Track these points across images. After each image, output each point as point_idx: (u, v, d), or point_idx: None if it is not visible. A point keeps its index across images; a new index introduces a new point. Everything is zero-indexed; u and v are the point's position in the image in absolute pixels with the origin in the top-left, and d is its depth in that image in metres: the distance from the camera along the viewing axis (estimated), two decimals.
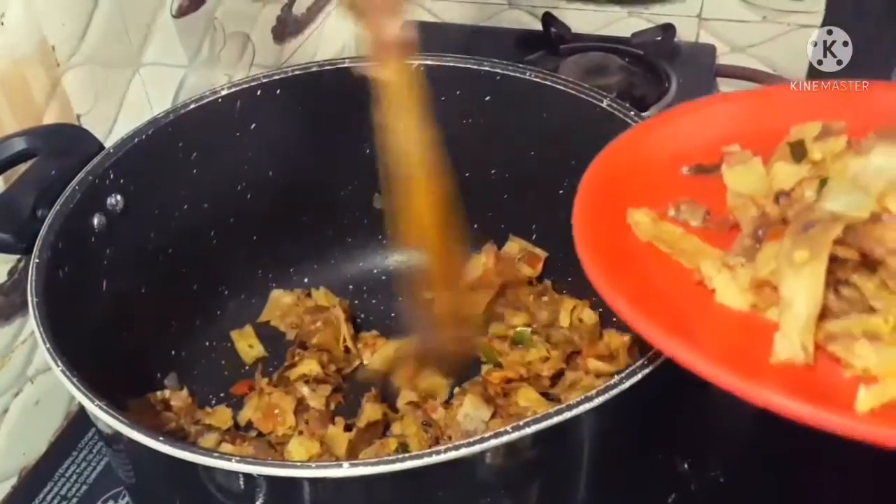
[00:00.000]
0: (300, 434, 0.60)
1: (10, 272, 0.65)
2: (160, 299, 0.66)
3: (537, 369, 0.64)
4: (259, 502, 0.43)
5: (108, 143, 0.61)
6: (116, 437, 0.44)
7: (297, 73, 0.68)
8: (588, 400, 0.41)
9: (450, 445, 0.39)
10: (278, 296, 0.74)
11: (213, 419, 0.63)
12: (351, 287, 0.76)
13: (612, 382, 0.42)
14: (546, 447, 0.43)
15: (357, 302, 0.75)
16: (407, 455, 0.38)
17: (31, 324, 0.49)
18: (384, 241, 0.78)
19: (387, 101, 0.52)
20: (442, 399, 0.63)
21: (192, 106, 0.65)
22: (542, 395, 0.63)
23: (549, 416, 0.40)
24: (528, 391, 0.62)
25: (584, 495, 0.48)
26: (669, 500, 0.59)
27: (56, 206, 0.56)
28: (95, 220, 0.59)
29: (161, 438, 0.41)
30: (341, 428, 0.61)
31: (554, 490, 0.47)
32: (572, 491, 0.48)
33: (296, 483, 0.41)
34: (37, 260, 0.52)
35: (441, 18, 1.12)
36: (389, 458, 0.38)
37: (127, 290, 0.62)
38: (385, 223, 0.76)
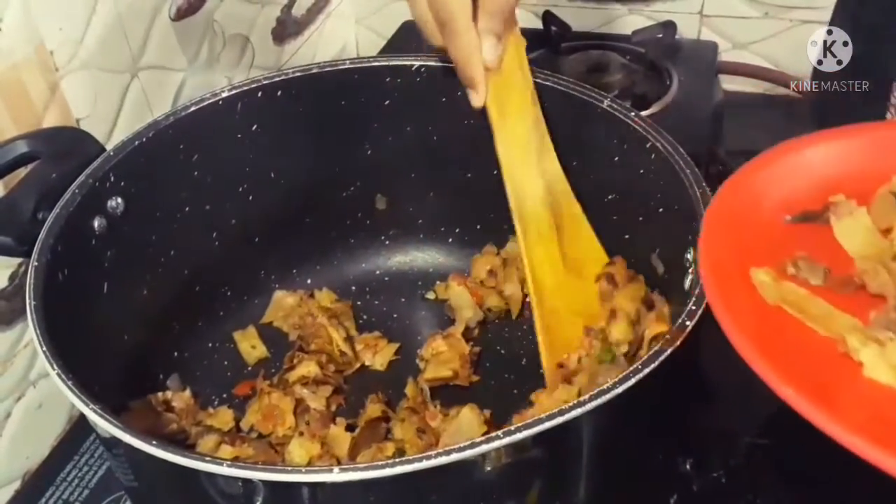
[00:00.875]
0: (301, 435, 0.60)
1: (12, 277, 0.66)
2: (162, 301, 0.66)
3: None
4: None
5: (109, 147, 0.61)
6: (114, 441, 0.44)
7: (298, 74, 0.68)
8: (581, 404, 0.41)
9: (441, 450, 0.38)
10: (281, 297, 0.74)
11: (214, 420, 0.63)
12: (353, 288, 0.76)
13: (608, 385, 0.42)
14: (544, 450, 0.43)
15: (359, 303, 0.75)
16: (398, 460, 0.38)
17: None
18: (387, 242, 0.78)
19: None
20: None
21: (193, 108, 0.65)
22: None
23: (541, 421, 0.40)
24: None
25: (585, 497, 0.48)
26: (671, 501, 0.59)
27: (56, 209, 0.56)
28: (96, 223, 0.59)
29: (155, 443, 0.41)
30: (342, 429, 0.61)
31: (553, 492, 0.47)
32: (572, 493, 0.48)
33: (291, 487, 0.41)
34: (36, 263, 0.52)
35: None
36: (380, 463, 0.38)
37: (128, 293, 0.62)
38: (386, 224, 0.77)
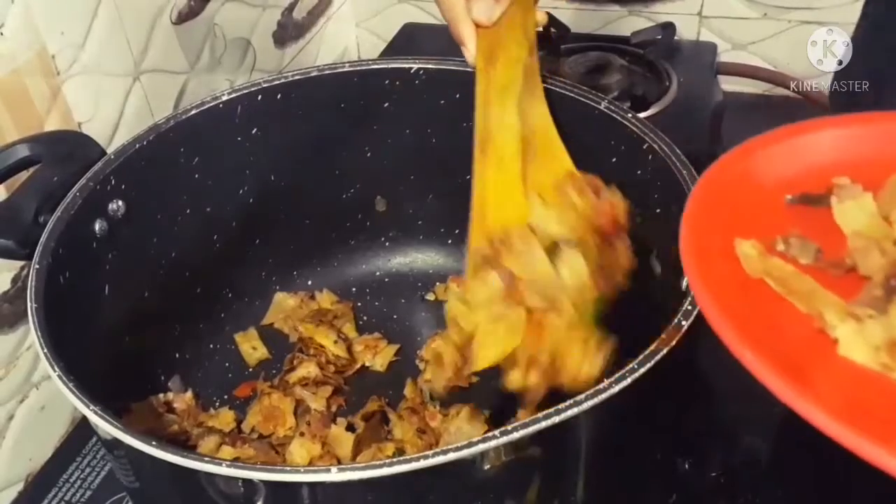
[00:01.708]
0: (301, 436, 0.61)
1: (14, 280, 0.66)
2: (163, 303, 0.66)
3: None
4: None
5: (110, 150, 0.62)
6: (115, 442, 0.44)
7: (298, 77, 0.68)
8: (578, 403, 0.41)
9: (439, 450, 0.39)
10: (281, 298, 0.75)
11: (215, 421, 0.64)
12: (354, 289, 0.76)
13: (603, 385, 0.42)
14: (542, 449, 0.43)
15: (360, 304, 0.75)
16: (397, 459, 0.38)
17: None
18: (387, 244, 0.78)
19: None
20: None
21: (194, 111, 0.65)
22: None
23: (538, 420, 0.40)
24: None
25: (583, 497, 0.48)
26: (670, 501, 0.59)
27: (57, 213, 0.56)
28: (97, 226, 0.59)
29: (155, 443, 0.41)
30: (343, 429, 0.61)
31: (552, 492, 0.47)
32: (570, 493, 0.48)
33: (290, 487, 0.41)
34: (37, 266, 0.53)
35: (442, 21, 1.12)
36: (378, 462, 0.38)
37: (129, 295, 0.62)
38: (386, 226, 0.77)
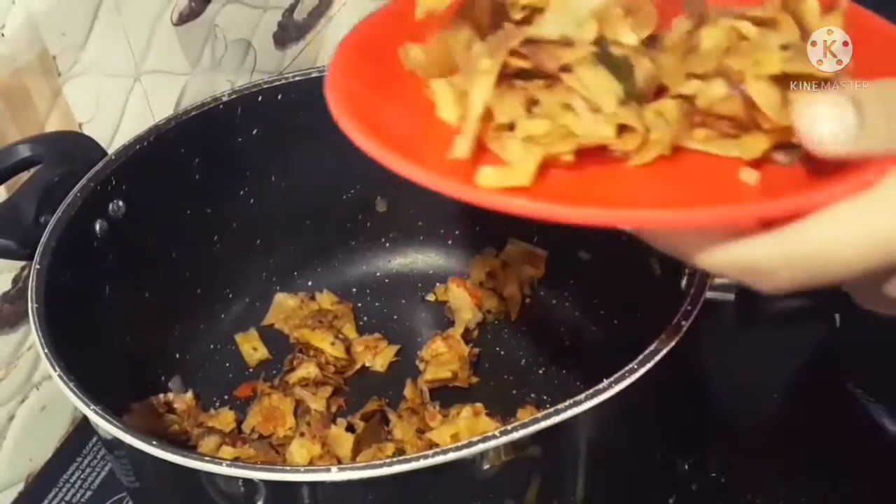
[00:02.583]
0: (301, 436, 0.61)
1: (15, 280, 0.66)
2: (163, 304, 0.66)
3: None
4: None
5: (111, 151, 0.62)
6: (116, 442, 0.44)
7: (299, 78, 0.68)
8: (578, 404, 0.41)
9: (439, 450, 0.39)
10: (282, 299, 0.75)
11: (215, 422, 0.64)
12: (354, 290, 0.76)
13: (603, 385, 0.42)
14: (541, 449, 0.43)
15: (360, 305, 0.75)
16: (396, 459, 0.38)
17: None
18: (387, 245, 0.78)
19: None
20: None
21: (194, 112, 0.65)
22: None
23: (538, 420, 0.40)
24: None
25: (583, 497, 0.49)
26: (670, 502, 0.59)
27: (58, 213, 0.56)
28: (97, 226, 0.59)
29: (155, 443, 0.41)
30: (343, 429, 0.61)
31: (551, 492, 0.47)
32: (570, 493, 0.48)
33: (290, 486, 0.41)
34: (38, 266, 0.53)
35: None
36: (378, 462, 0.38)
37: (130, 295, 0.63)
38: (387, 226, 0.77)
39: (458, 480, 0.43)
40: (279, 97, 0.68)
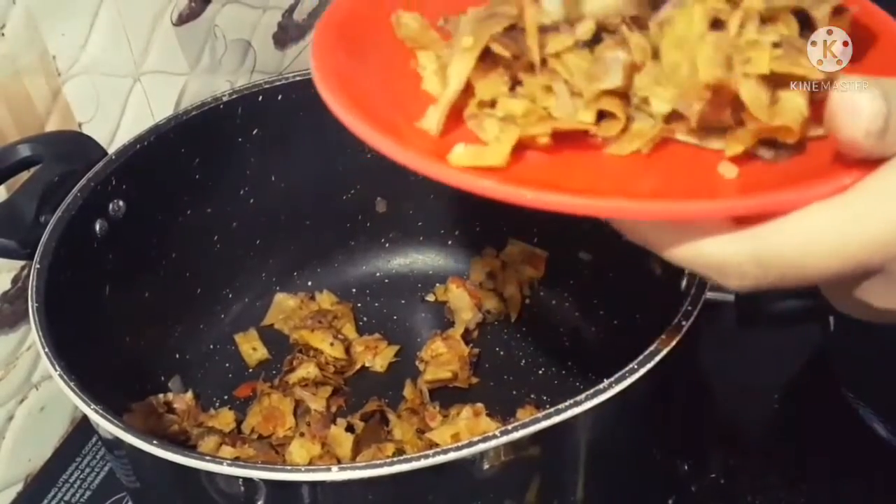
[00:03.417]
0: (301, 436, 0.61)
1: (14, 280, 0.66)
2: (163, 303, 0.66)
3: None
4: None
5: (111, 151, 0.62)
6: (116, 441, 0.44)
7: (299, 79, 0.68)
8: (578, 404, 0.41)
9: (439, 449, 0.39)
10: (282, 299, 0.75)
11: (215, 422, 0.64)
12: (354, 290, 0.76)
13: (603, 385, 0.42)
14: (541, 449, 0.43)
15: (360, 305, 0.75)
16: (396, 459, 0.38)
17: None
18: (387, 245, 0.78)
19: None
20: None
21: (195, 112, 0.65)
22: None
23: (538, 420, 0.40)
24: None
25: (583, 497, 0.49)
26: (670, 501, 0.59)
27: (58, 212, 0.56)
28: (97, 226, 0.59)
29: (156, 442, 0.41)
30: (343, 429, 0.61)
31: (551, 492, 0.47)
32: (570, 493, 0.48)
33: (290, 486, 0.41)
34: (38, 265, 0.53)
35: None
36: (378, 462, 0.39)
37: (129, 295, 0.63)
38: (386, 227, 0.78)
39: (458, 480, 0.43)
40: (279, 97, 0.68)
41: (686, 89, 0.35)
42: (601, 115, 0.36)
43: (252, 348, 0.71)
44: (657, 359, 0.44)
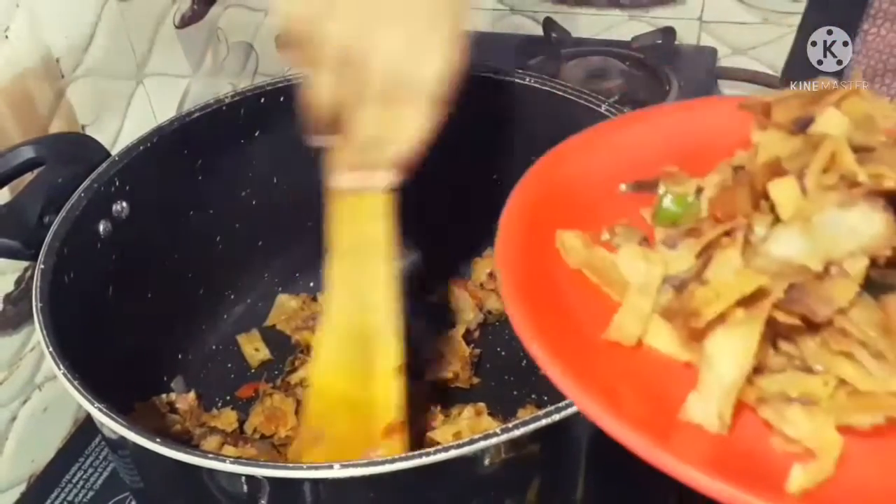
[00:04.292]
0: None
1: (18, 281, 0.66)
2: (166, 304, 0.67)
3: None
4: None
5: (114, 152, 0.62)
6: (120, 440, 0.45)
7: (300, 80, 0.69)
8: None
9: (440, 447, 0.39)
10: (284, 300, 0.75)
11: (217, 422, 0.64)
12: None
13: None
14: (542, 447, 0.43)
15: None
16: (398, 457, 0.39)
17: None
18: None
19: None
20: None
21: (197, 114, 0.66)
22: None
23: (539, 418, 0.40)
24: None
25: (583, 495, 0.49)
26: (670, 501, 0.59)
27: (62, 214, 0.57)
28: (101, 227, 0.59)
29: (159, 440, 0.41)
30: None
31: (552, 490, 0.47)
32: (570, 491, 0.48)
33: (293, 483, 0.41)
34: (42, 266, 0.53)
35: None
36: (380, 459, 0.39)
37: (133, 296, 0.63)
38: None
39: (459, 478, 0.43)
40: (282, 99, 0.68)
41: None
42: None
43: (254, 349, 0.72)
44: None
